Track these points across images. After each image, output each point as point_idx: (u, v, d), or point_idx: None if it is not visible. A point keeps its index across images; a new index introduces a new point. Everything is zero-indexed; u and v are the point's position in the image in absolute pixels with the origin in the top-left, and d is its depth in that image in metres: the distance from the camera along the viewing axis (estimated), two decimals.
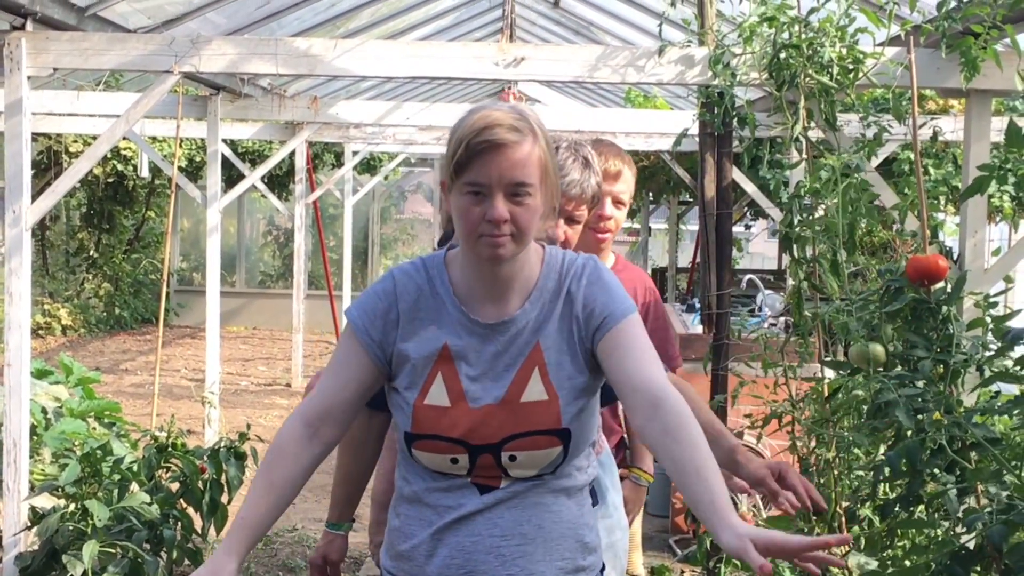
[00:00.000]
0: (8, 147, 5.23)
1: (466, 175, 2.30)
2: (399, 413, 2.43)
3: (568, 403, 2.38)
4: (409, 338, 2.41)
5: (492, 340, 2.39)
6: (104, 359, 14.30)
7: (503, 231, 2.29)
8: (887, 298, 3.43)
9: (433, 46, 5.45)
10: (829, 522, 4.58)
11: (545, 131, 2.37)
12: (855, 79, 4.77)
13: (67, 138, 15.22)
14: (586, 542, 2.50)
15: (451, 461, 2.38)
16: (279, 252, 19.52)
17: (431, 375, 2.39)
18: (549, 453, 2.38)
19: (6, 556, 5.22)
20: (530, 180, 2.30)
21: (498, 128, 2.28)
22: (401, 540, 2.48)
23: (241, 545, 2.33)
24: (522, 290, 2.41)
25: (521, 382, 2.38)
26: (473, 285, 2.41)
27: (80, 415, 7.35)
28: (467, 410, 2.37)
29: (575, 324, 2.40)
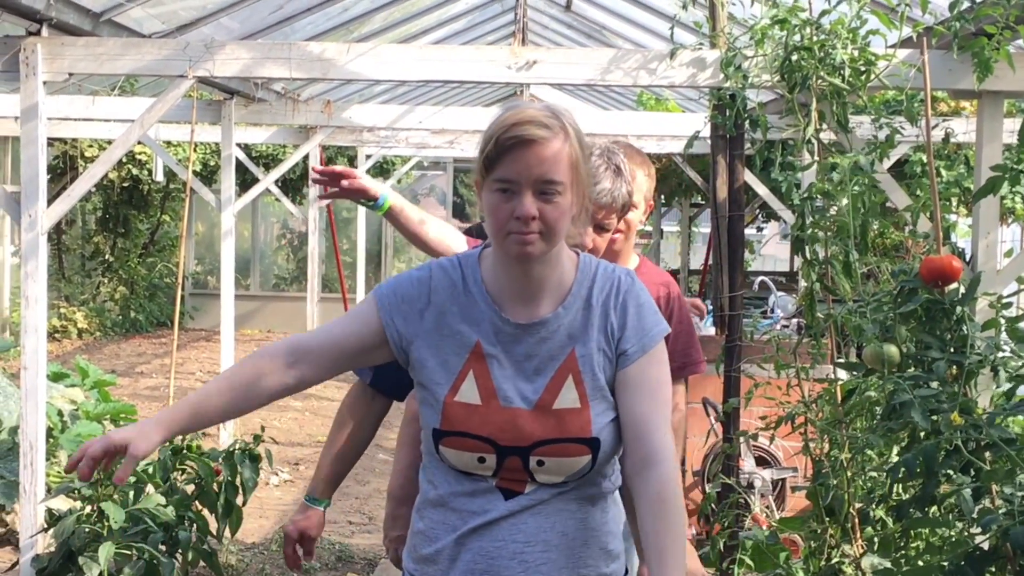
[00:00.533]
0: (24, 151, 5.24)
1: (496, 172, 2.28)
2: (428, 410, 2.39)
3: (599, 413, 2.36)
4: (437, 331, 2.38)
5: (523, 340, 2.37)
6: (120, 362, 14.32)
7: (532, 228, 2.26)
8: (901, 299, 3.42)
9: (445, 49, 5.44)
10: (842, 523, 4.56)
11: (579, 131, 2.34)
12: (867, 81, 4.75)
13: (82, 143, 15.25)
14: (610, 549, 2.48)
15: (478, 460, 2.35)
16: (293, 255, 19.54)
17: (463, 372, 2.36)
18: (577, 461, 2.35)
19: (23, 558, 5.23)
20: (559, 178, 2.27)
21: (528, 125, 2.26)
22: (425, 544, 2.45)
23: (175, 424, 2.32)
24: (554, 293, 2.38)
25: (555, 388, 2.35)
26: (504, 284, 2.38)
27: (96, 418, 7.37)
28: (498, 408, 2.34)
29: (608, 341, 2.38)
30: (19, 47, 5.21)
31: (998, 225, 5.11)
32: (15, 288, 14.59)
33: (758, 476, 6.40)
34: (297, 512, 3.27)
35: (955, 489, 2.90)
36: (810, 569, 4.82)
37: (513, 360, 2.36)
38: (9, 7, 5.10)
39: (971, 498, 3.01)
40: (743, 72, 5.02)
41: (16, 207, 5.27)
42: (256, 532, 7.21)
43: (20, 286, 8.85)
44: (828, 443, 4.34)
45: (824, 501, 4.52)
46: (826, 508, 4.58)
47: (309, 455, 9.70)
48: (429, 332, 2.38)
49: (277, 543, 6.94)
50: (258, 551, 6.83)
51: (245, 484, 5.99)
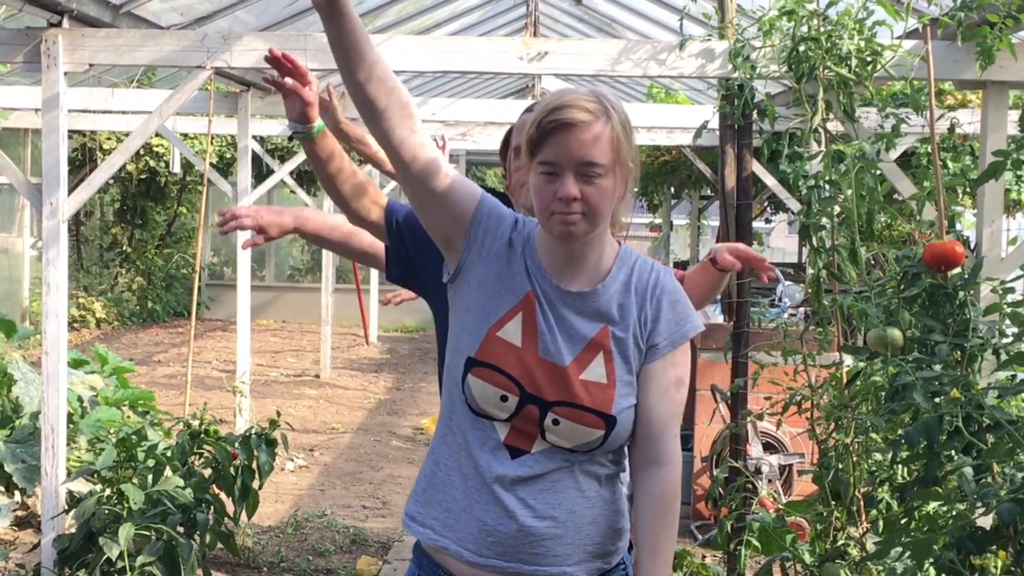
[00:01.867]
0: (45, 141, 5.28)
1: (540, 154, 2.33)
2: (466, 336, 2.43)
3: (623, 395, 2.41)
4: (502, 264, 2.43)
5: (565, 305, 2.42)
6: (137, 351, 14.39)
7: (574, 209, 2.31)
8: (905, 284, 3.44)
9: (458, 41, 5.48)
10: (847, 506, 4.59)
11: (624, 115, 2.38)
12: (873, 71, 4.77)
13: (101, 135, 15.31)
14: (617, 528, 2.51)
15: (501, 399, 2.38)
16: (307, 247, 19.59)
17: (512, 311, 2.41)
18: (591, 433, 2.39)
19: (45, 538, 5.27)
20: (600, 160, 2.31)
21: (570, 108, 2.31)
22: (440, 490, 2.47)
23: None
24: (593, 272, 2.44)
25: (585, 360, 2.40)
26: (545, 257, 2.43)
27: (115, 403, 7.42)
28: (535, 356, 2.39)
29: (641, 330, 2.44)
30: (40, 38, 5.25)
31: (1002, 214, 5.12)
32: (35, 279, 14.68)
33: (765, 462, 6.43)
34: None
35: (956, 466, 2.92)
36: (816, 551, 4.85)
37: (556, 321, 2.41)
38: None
39: (972, 478, 3.04)
40: (751, 63, 5.04)
41: (38, 196, 5.31)
42: (272, 516, 7.26)
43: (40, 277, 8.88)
44: (834, 427, 4.37)
45: (829, 484, 4.55)
46: (832, 491, 4.61)
47: (324, 441, 9.75)
48: (496, 257, 2.43)
49: (293, 526, 6.99)
50: (274, 534, 6.88)
51: (261, 468, 6.04)
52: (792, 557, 4.93)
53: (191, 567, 5.11)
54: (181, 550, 5.07)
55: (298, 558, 6.42)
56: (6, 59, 5.54)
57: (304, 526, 7.08)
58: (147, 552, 4.94)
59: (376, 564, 6.33)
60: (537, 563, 2.41)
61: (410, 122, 2.38)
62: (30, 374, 7.26)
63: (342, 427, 10.46)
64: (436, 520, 2.47)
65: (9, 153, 11.79)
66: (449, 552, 2.45)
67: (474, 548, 2.42)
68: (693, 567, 6.08)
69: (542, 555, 2.41)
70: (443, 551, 2.46)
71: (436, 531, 2.47)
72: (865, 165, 3.93)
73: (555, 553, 2.41)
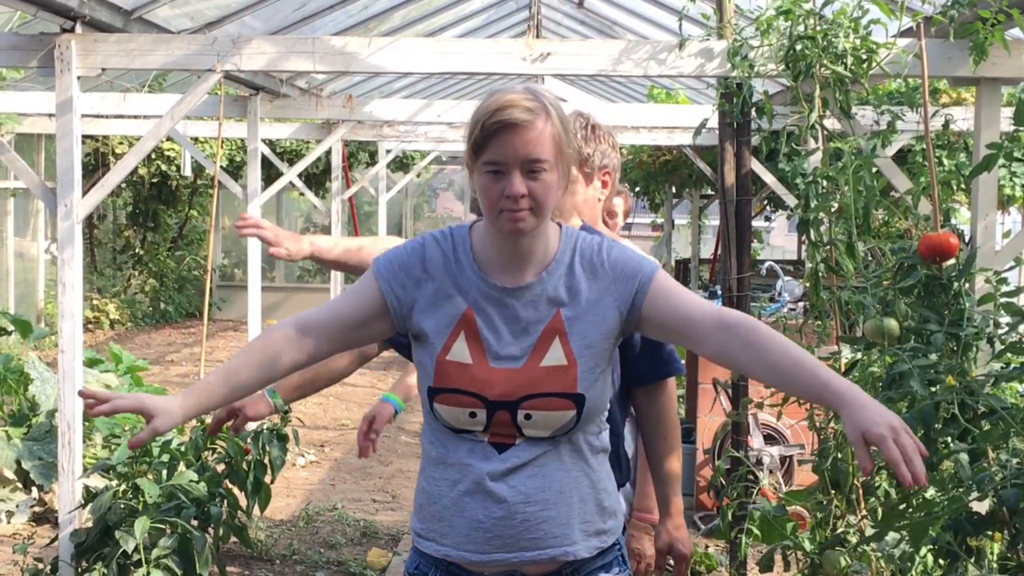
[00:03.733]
0: (60, 144, 5.30)
1: (484, 155, 2.36)
2: (423, 371, 2.47)
3: (586, 370, 2.42)
4: (432, 298, 2.45)
5: (509, 304, 2.44)
6: (151, 351, 14.41)
7: (522, 206, 2.34)
8: (900, 275, 3.45)
9: (463, 43, 5.49)
10: (847, 494, 4.60)
11: (560, 109, 2.42)
12: (868, 69, 4.78)
13: (113, 140, 15.35)
14: (605, 506, 2.53)
15: (470, 415, 2.41)
16: None
17: (454, 333, 2.43)
18: (563, 415, 2.41)
19: (62, 533, 5.29)
20: (545, 156, 2.35)
21: (511, 108, 2.34)
22: (430, 501, 2.51)
23: (200, 407, 2.42)
24: (540, 262, 2.46)
25: (542, 347, 2.42)
26: (492, 256, 2.45)
27: None
28: (487, 367, 2.41)
29: (608, 295, 2.45)
30: (54, 43, 5.27)
31: (996, 208, 5.13)
32: (49, 281, 14.70)
33: (766, 453, 6.44)
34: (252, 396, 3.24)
35: (952, 451, 2.93)
36: (816, 539, 4.86)
37: (502, 323, 2.44)
38: (44, 5, 5.16)
39: (968, 463, 3.05)
40: (749, 61, 5.05)
41: (52, 198, 5.34)
42: (284, 510, 7.27)
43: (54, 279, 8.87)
44: (832, 417, 4.38)
45: (829, 473, 4.56)
46: (831, 480, 4.62)
47: (334, 438, 9.77)
48: (426, 298, 2.46)
49: (304, 520, 7.01)
50: (286, 528, 6.90)
51: (273, 463, 6.05)
52: (793, 545, 4.94)
53: (205, 560, 5.12)
54: (195, 543, 5.09)
55: (310, 551, 6.44)
56: (21, 64, 5.56)
57: (315, 519, 7.10)
58: (162, 545, 4.96)
59: (386, 556, 6.35)
60: (538, 547, 2.44)
61: (298, 335, 2.48)
62: (46, 373, 7.29)
63: (352, 423, 10.48)
64: (435, 532, 2.50)
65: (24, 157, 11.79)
66: (452, 559, 2.49)
67: (474, 548, 2.45)
68: (696, 556, 6.09)
69: (540, 538, 2.43)
70: (447, 558, 2.50)
71: (438, 542, 2.50)
72: (862, 161, 3.94)
73: (553, 534, 2.44)
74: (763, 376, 2.37)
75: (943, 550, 3.10)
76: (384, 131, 12.22)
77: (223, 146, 14.64)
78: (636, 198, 15.95)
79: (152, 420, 2.32)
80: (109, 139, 15.32)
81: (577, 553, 2.47)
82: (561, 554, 2.45)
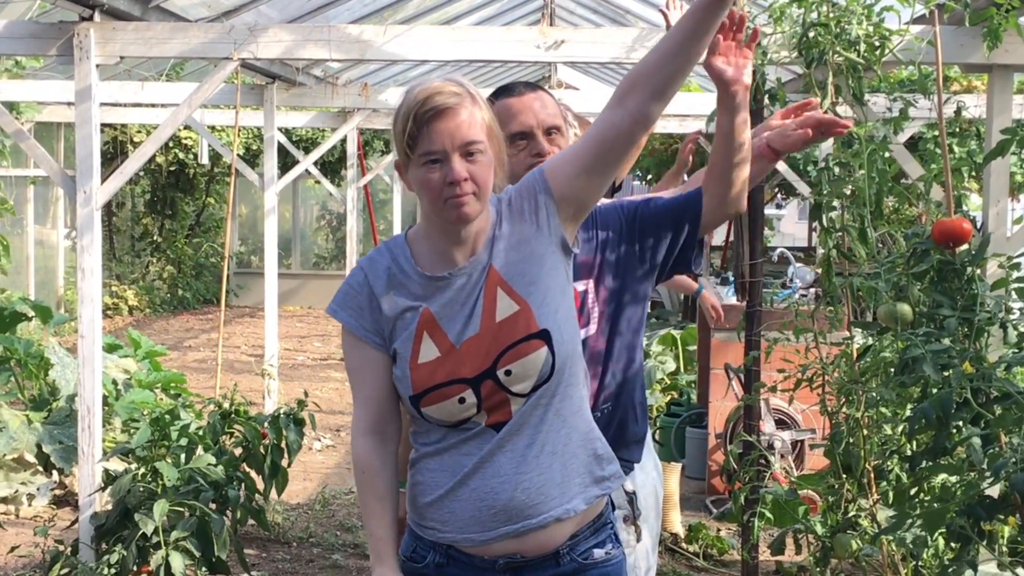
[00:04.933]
0: (79, 131, 5.30)
1: (420, 147, 2.36)
2: (401, 385, 2.47)
3: (539, 305, 2.42)
4: (391, 314, 2.46)
5: (454, 286, 2.44)
6: (169, 337, 14.44)
7: (465, 190, 2.34)
8: (914, 260, 3.43)
9: (478, 30, 5.47)
10: (858, 478, 4.58)
11: (479, 94, 2.44)
12: (881, 56, 4.74)
13: (131, 128, 15.37)
14: (599, 454, 2.53)
15: (459, 402, 2.41)
16: (332, 235, 19.62)
17: (417, 337, 2.44)
18: (538, 357, 2.40)
19: (82, 515, 5.31)
20: (479, 137, 2.36)
21: (439, 95, 2.34)
22: (426, 493, 2.49)
23: (391, 557, 2.48)
24: (481, 239, 2.46)
25: (490, 305, 2.42)
26: (436, 248, 2.46)
27: (148, 386, 7.46)
28: (454, 351, 2.42)
29: (523, 223, 2.46)
30: (73, 31, 5.27)
31: (1008, 194, 5.09)
32: (69, 268, 14.74)
33: (778, 438, 6.42)
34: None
35: (965, 436, 2.91)
36: (828, 522, 4.84)
37: (455, 305, 2.43)
38: None
39: (980, 448, 3.03)
40: (763, 49, 5.01)
41: (72, 185, 5.34)
42: (300, 493, 7.28)
43: (73, 266, 8.88)
44: (844, 402, 4.36)
45: (841, 457, 4.54)
46: (843, 464, 4.60)
47: (349, 422, 9.76)
48: (388, 317, 2.47)
49: (321, 503, 7.02)
50: (303, 511, 6.91)
51: (290, 447, 6.06)
52: (804, 529, 4.93)
53: (223, 542, 5.13)
54: (214, 525, 5.10)
55: (326, 533, 6.45)
56: (40, 52, 5.56)
57: (331, 503, 7.11)
58: (181, 527, 4.97)
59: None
60: (541, 512, 2.43)
61: (379, 439, 2.53)
62: (66, 358, 7.31)
63: None
64: (435, 520, 2.49)
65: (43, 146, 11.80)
66: (456, 542, 2.48)
67: (479, 528, 2.44)
68: (708, 540, 6.08)
69: (542, 503, 2.43)
70: (451, 543, 2.49)
71: (439, 530, 2.49)
72: (877, 146, 3.91)
73: (552, 496, 2.44)
74: (662, 61, 2.41)
75: (956, 534, 3.09)
76: None
77: (240, 134, 14.65)
78: (648, 185, 15.91)
79: None
80: (127, 127, 15.34)
81: (577, 508, 2.46)
82: (563, 513, 2.45)
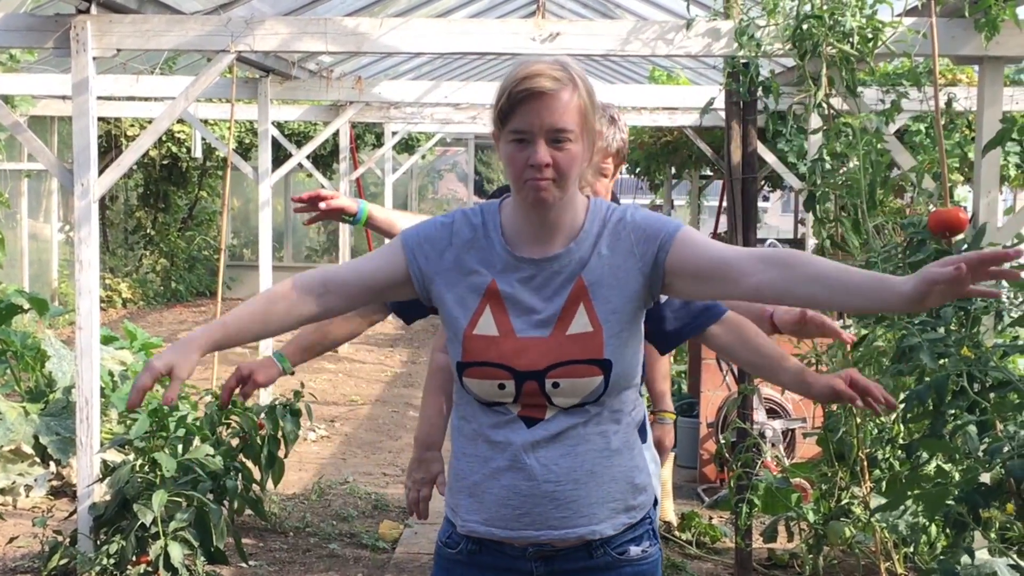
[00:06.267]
0: (76, 123, 5.26)
1: (510, 123, 2.32)
2: (452, 346, 2.44)
3: (611, 335, 2.37)
4: (458, 272, 2.42)
5: (536, 276, 2.39)
6: (163, 329, 14.39)
7: (546, 175, 2.30)
8: (910, 250, 3.42)
9: (472, 23, 5.44)
10: (851, 466, 4.58)
11: (587, 82, 2.37)
12: (874, 48, 4.73)
13: (125, 122, 15.31)
14: (636, 483, 2.49)
15: (499, 387, 2.38)
16: (324, 228, 19.59)
17: (480, 308, 2.40)
18: (591, 382, 2.37)
19: (80, 506, 5.28)
20: (569, 127, 2.30)
21: (538, 77, 2.29)
22: (459, 477, 2.48)
23: (210, 344, 2.40)
24: (567, 233, 2.41)
25: (567, 316, 2.38)
26: (521, 228, 2.41)
27: None
28: (514, 338, 2.38)
29: (631, 258, 2.39)
30: (70, 24, 5.22)
31: (998, 185, 5.09)
32: (63, 261, 14.69)
33: (769, 427, 6.41)
34: (259, 360, 3.19)
35: (962, 423, 2.90)
36: (820, 510, 4.84)
37: (528, 294, 2.39)
38: None
39: (976, 435, 3.02)
40: (756, 41, 5.00)
41: (69, 177, 5.30)
42: (296, 484, 7.26)
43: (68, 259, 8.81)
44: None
45: (834, 445, 4.54)
46: (836, 452, 4.60)
47: (344, 413, 9.75)
48: (448, 271, 2.42)
49: (317, 493, 6.99)
50: (299, 500, 6.88)
51: (287, 437, 6.05)
52: (797, 516, 4.92)
53: (221, 532, 5.12)
54: (212, 515, 5.08)
55: (323, 523, 6.43)
56: (37, 45, 5.51)
57: (328, 493, 7.08)
58: (179, 518, 4.95)
59: (397, 528, 6.33)
60: (565, 526, 2.40)
61: (320, 289, 2.44)
62: (63, 350, 7.27)
63: (361, 399, 10.46)
64: (462, 506, 2.47)
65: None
66: (480, 533, 2.46)
67: (503, 524, 2.42)
68: (701, 527, 6.07)
69: (568, 517, 2.40)
70: (474, 533, 2.47)
71: (462, 516, 2.47)
72: (872, 136, 3.90)
73: (581, 514, 2.40)
74: (812, 292, 2.21)
75: (951, 520, 3.08)
76: (391, 113, 12.17)
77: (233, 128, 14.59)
78: (636, 178, 15.89)
79: (174, 370, 2.33)
80: (121, 121, 15.27)
81: (603, 532, 2.43)
82: (588, 533, 2.42)
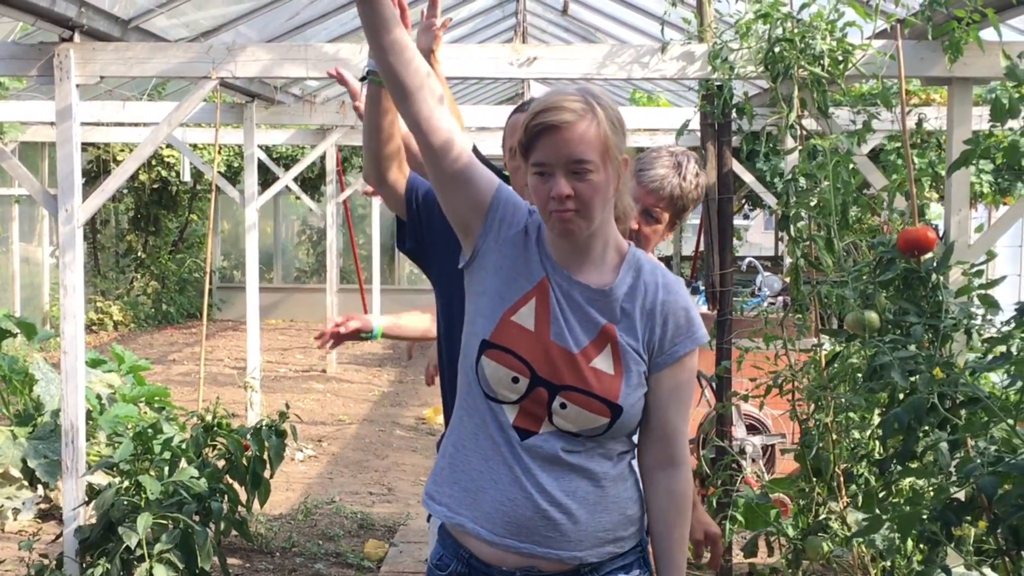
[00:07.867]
0: (60, 150, 5.23)
1: (532, 156, 2.31)
2: (480, 320, 2.39)
3: (630, 386, 2.37)
4: (517, 252, 2.40)
5: (579, 295, 2.38)
6: (153, 351, 14.32)
7: (568, 207, 2.28)
8: (880, 268, 3.41)
9: (453, 48, 5.41)
10: (828, 482, 4.55)
11: (612, 111, 2.35)
12: (845, 70, 4.74)
13: (114, 147, 15.29)
14: (629, 515, 2.46)
15: (512, 380, 2.34)
16: (312, 250, 19.54)
17: (526, 296, 2.37)
18: (596, 419, 2.35)
19: (67, 529, 5.23)
20: (588, 157, 2.28)
21: (555, 110, 2.28)
22: (454, 468, 2.44)
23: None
24: (600, 263, 2.40)
25: (595, 349, 2.36)
26: (557, 250, 2.40)
27: (132, 400, 7.37)
28: (548, 339, 2.35)
29: (649, 333, 2.40)
30: (53, 52, 5.20)
31: (968, 203, 5.09)
32: (54, 284, 14.64)
33: (749, 442, 6.39)
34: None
35: (934, 441, 2.89)
36: (799, 525, 4.81)
37: (568, 307, 2.37)
38: (43, 15, 5.09)
39: (948, 452, 3.01)
40: (729, 64, 5.00)
41: (54, 203, 5.27)
42: (283, 504, 7.21)
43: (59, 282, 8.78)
44: (814, 407, 4.34)
45: (811, 461, 4.52)
46: (813, 468, 4.58)
47: (331, 432, 9.70)
48: (512, 244, 2.40)
49: (303, 513, 6.95)
50: (285, 521, 6.84)
51: (272, 458, 5.99)
52: (776, 531, 4.90)
53: (207, 553, 5.07)
54: (197, 537, 5.03)
55: (309, 543, 6.38)
56: (21, 73, 5.48)
57: (314, 513, 7.04)
58: (165, 540, 4.90)
59: (383, 547, 6.29)
60: (550, 546, 2.37)
61: (442, 109, 2.36)
62: (51, 374, 7.22)
63: (348, 419, 10.41)
64: (453, 499, 2.43)
65: (27, 165, 11.70)
66: (467, 530, 2.40)
67: (490, 528, 2.38)
68: None
69: (555, 539, 2.37)
70: (461, 529, 2.42)
71: (452, 509, 2.42)
72: (841, 158, 3.90)
73: (568, 539, 2.37)
74: (654, 510, 2.48)
75: (925, 537, 3.06)
76: None
77: (220, 152, 14.58)
78: None
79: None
80: (110, 146, 15.25)
81: (586, 559, 2.40)
82: (570, 558, 2.39)
